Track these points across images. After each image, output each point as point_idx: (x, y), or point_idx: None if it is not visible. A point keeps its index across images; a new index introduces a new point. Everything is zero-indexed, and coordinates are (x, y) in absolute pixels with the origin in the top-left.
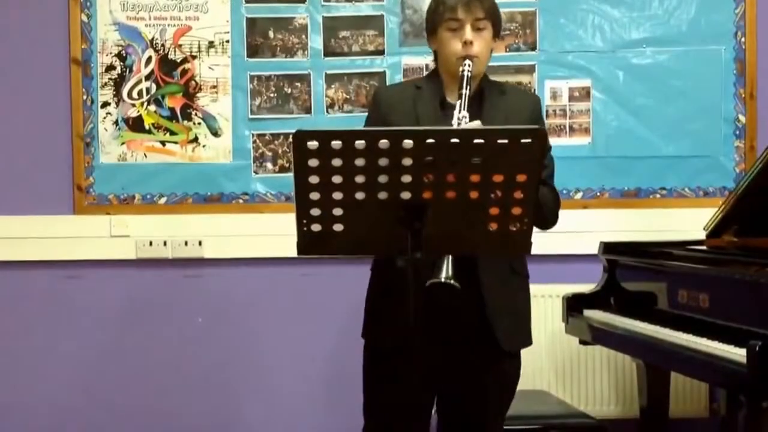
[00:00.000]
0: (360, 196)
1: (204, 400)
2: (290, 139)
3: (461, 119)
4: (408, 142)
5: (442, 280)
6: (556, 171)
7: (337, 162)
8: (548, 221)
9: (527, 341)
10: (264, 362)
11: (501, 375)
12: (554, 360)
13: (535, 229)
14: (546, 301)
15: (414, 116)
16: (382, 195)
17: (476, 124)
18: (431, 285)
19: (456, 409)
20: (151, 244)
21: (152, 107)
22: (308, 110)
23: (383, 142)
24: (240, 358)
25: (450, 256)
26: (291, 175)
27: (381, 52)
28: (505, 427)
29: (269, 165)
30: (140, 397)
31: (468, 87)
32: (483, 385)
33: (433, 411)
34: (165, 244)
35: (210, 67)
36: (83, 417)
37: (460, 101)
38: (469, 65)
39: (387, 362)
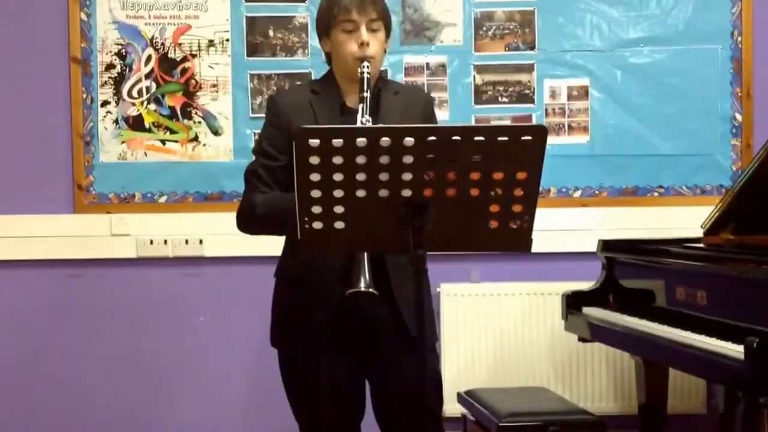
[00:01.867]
0: (361, 193)
1: (204, 398)
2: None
3: (365, 123)
4: (409, 140)
5: (362, 288)
6: (555, 168)
7: (338, 160)
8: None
9: (435, 335)
10: (264, 360)
11: (424, 368)
12: (553, 357)
13: (534, 227)
14: (545, 299)
15: (313, 122)
16: (383, 193)
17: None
18: (351, 294)
19: (389, 406)
20: (151, 242)
21: (152, 106)
22: None
23: (384, 140)
24: (240, 356)
25: (366, 261)
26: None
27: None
28: (506, 424)
29: None
30: (141, 396)
31: (369, 89)
32: (411, 380)
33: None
34: (165, 242)
35: (210, 66)
36: (82, 415)
37: (362, 105)
38: (367, 67)
39: (307, 367)
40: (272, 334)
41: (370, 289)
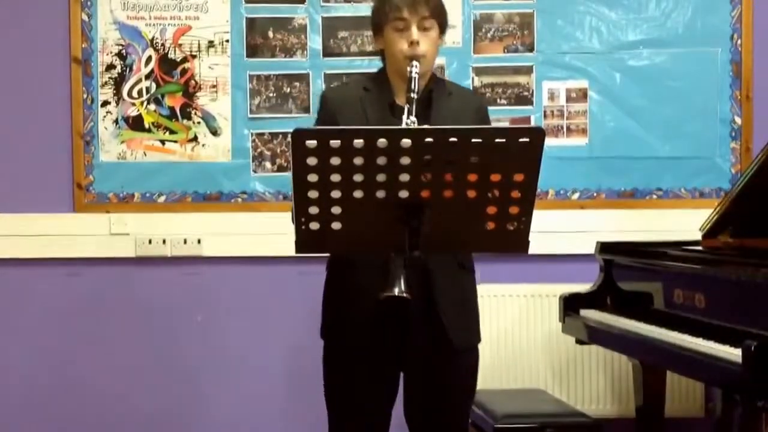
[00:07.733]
0: (358, 194)
1: (202, 397)
2: (289, 138)
3: (410, 124)
4: (406, 141)
5: (396, 293)
6: (553, 170)
7: (335, 161)
8: None
9: (477, 338)
10: (262, 360)
11: (457, 371)
12: (551, 359)
13: (532, 229)
14: (543, 301)
15: (363, 119)
16: (380, 194)
17: None
18: (384, 298)
19: (418, 406)
20: (150, 242)
21: (152, 106)
22: (307, 110)
23: (381, 141)
24: (238, 355)
25: (403, 267)
26: (289, 174)
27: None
28: (503, 426)
29: (268, 164)
30: (139, 395)
31: (416, 89)
32: (441, 383)
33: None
34: (164, 242)
35: (210, 67)
36: (80, 413)
37: (408, 105)
38: (416, 66)
39: (348, 361)
40: (321, 327)
41: (404, 295)
